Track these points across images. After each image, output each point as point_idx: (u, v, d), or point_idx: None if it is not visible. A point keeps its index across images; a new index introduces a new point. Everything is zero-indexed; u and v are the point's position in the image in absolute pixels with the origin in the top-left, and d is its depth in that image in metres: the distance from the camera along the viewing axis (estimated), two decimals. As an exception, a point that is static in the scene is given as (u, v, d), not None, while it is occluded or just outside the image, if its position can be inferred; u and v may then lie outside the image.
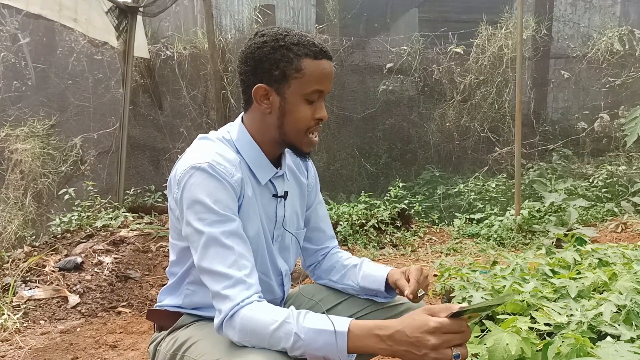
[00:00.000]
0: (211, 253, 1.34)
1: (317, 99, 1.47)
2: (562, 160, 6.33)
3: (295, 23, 7.16)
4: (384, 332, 1.22)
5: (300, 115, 1.46)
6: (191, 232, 1.38)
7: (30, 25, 6.03)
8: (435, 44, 6.56)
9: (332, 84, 1.51)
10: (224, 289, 1.31)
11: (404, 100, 6.77)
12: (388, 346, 1.21)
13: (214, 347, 1.36)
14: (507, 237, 4.81)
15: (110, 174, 5.71)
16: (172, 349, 1.48)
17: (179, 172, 1.43)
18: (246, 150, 1.53)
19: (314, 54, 1.43)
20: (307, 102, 1.45)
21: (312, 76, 1.43)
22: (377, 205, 5.28)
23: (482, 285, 1.84)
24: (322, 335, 1.23)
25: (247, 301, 1.30)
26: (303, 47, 1.42)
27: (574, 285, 1.73)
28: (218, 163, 1.41)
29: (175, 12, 6.86)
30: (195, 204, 1.37)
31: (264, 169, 1.53)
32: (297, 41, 1.43)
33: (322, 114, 1.48)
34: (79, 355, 2.75)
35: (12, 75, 5.96)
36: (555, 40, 7.05)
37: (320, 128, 1.53)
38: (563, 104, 7.16)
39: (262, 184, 1.54)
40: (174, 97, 6.51)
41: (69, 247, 4.10)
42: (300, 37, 1.44)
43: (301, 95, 1.44)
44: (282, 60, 1.42)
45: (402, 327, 1.20)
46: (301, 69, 1.42)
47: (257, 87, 1.45)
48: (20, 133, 5.14)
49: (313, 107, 1.47)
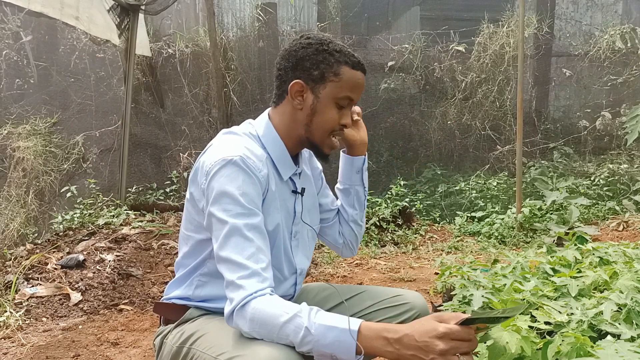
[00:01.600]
0: (232, 243, 1.37)
1: (347, 106, 1.55)
2: (564, 158, 6.32)
3: (297, 21, 7.16)
4: (392, 335, 1.23)
5: (328, 117, 1.54)
6: (215, 221, 1.41)
7: (32, 23, 6.03)
8: (436, 42, 6.55)
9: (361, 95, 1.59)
10: (240, 278, 1.33)
11: (406, 99, 6.77)
12: (395, 349, 1.22)
13: (221, 340, 1.37)
14: (509, 235, 4.81)
15: (112, 172, 5.72)
16: (178, 341, 1.50)
17: (208, 163, 1.45)
18: (271, 146, 1.57)
19: (352, 64, 1.52)
20: (337, 106, 1.53)
21: (348, 83, 1.52)
22: (379, 203, 5.29)
23: (482, 283, 1.84)
24: (332, 332, 1.24)
25: (260, 293, 1.32)
26: (344, 56, 1.52)
27: (574, 284, 1.73)
28: (248, 157, 1.45)
29: (177, 10, 6.86)
30: (223, 196, 1.40)
31: (287, 165, 1.59)
32: (339, 49, 1.53)
33: (348, 120, 1.57)
34: (81, 353, 2.77)
35: (15, 73, 5.97)
36: (557, 38, 7.03)
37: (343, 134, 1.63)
38: (565, 102, 7.14)
39: (283, 180, 1.60)
40: (176, 95, 6.51)
41: (71, 244, 4.11)
42: (343, 47, 1.55)
43: (333, 98, 1.52)
44: (324, 62, 1.51)
45: (410, 331, 1.22)
46: (339, 74, 1.51)
47: (295, 82, 1.52)
48: (23, 131, 5.15)
49: (341, 112, 1.55)
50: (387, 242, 4.84)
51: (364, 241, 4.77)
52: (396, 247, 4.77)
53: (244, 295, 1.31)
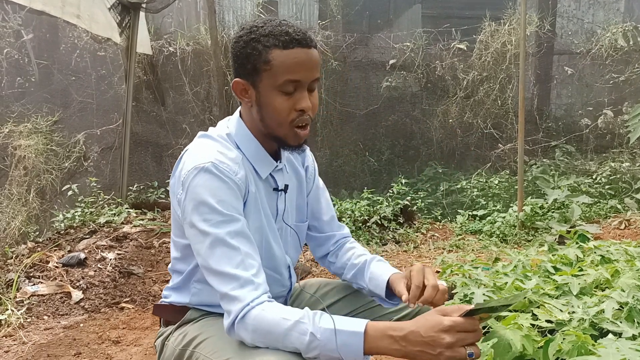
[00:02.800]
0: (217, 254, 1.33)
1: (296, 90, 1.41)
2: (565, 156, 6.31)
3: (298, 19, 7.15)
4: (397, 333, 1.22)
5: (276, 107, 1.41)
6: (195, 233, 1.37)
7: (33, 21, 6.03)
8: (438, 40, 6.54)
9: (318, 70, 1.43)
10: (232, 290, 1.30)
11: (407, 97, 6.76)
12: (402, 347, 1.21)
13: (225, 345, 1.35)
14: (510, 233, 4.80)
15: (114, 170, 5.72)
16: (181, 344, 1.48)
17: (183, 173, 1.42)
18: (245, 145, 1.51)
19: (283, 44, 1.37)
20: (283, 93, 1.40)
21: (282, 67, 1.38)
22: (380, 201, 5.28)
23: (483, 282, 1.83)
24: (339, 336, 1.22)
25: (257, 301, 1.29)
26: (272, 38, 1.38)
27: (576, 282, 1.73)
28: (221, 162, 1.40)
29: (178, 9, 6.86)
30: (200, 206, 1.36)
31: (264, 162, 1.52)
32: (268, 32, 1.39)
33: (303, 104, 1.41)
34: (82, 351, 2.77)
35: (16, 71, 5.97)
36: (558, 36, 7.01)
37: (309, 120, 1.46)
38: (566, 100, 7.13)
39: (262, 178, 1.53)
40: (177, 93, 6.51)
41: (72, 243, 4.12)
42: (274, 28, 1.40)
43: (273, 87, 1.40)
44: (253, 52, 1.39)
45: (416, 327, 1.21)
46: (269, 60, 1.38)
47: (235, 82, 1.46)
48: (24, 129, 5.15)
49: (292, 98, 1.41)
50: (389, 240, 4.84)
51: (365, 240, 4.76)
52: (397, 245, 4.77)
53: (240, 306, 1.28)
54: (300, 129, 1.45)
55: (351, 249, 1.76)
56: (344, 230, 1.82)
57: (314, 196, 1.76)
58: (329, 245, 1.79)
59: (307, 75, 1.40)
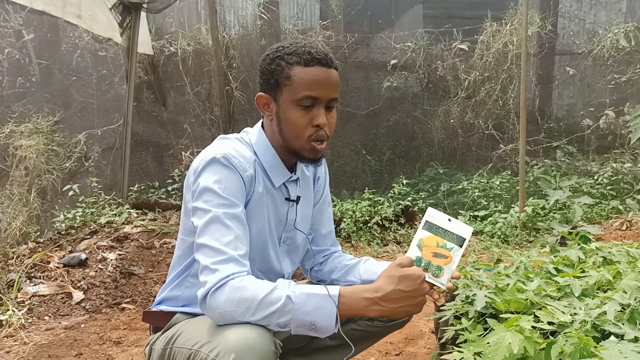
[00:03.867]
0: (211, 230, 1.39)
1: (314, 106, 1.48)
2: (567, 157, 6.30)
3: (299, 19, 7.14)
4: (375, 295, 1.29)
5: (293, 121, 1.49)
6: (197, 213, 1.43)
7: (34, 21, 6.02)
8: (439, 40, 6.53)
9: (336, 90, 1.51)
10: (215, 263, 1.34)
11: (408, 97, 6.75)
12: (381, 307, 1.29)
13: (196, 333, 1.38)
14: (511, 234, 4.80)
15: (114, 170, 5.71)
16: (162, 344, 1.52)
17: (196, 163, 1.50)
18: (262, 153, 1.58)
19: (304, 62, 1.46)
20: (301, 107, 1.48)
21: (301, 83, 1.46)
22: (381, 202, 5.28)
23: (485, 283, 1.83)
24: (313, 299, 1.27)
25: (237, 275, 1.32)
26: (296, 56, 1.47)
27: (577, 284, 1.72)
28: (233, 156, 1.49)
29: (179, 9, 6.85)
30: (206, 191, 1.43)
31: (279, 172, 1.59)
32: (292, 51, 1.48)
33: (320, 120, 1.49)
34: (83, 352, 2.76)
35: (17, 71, 5.96)
36: (560, 36, 7.00)
37: (324, 136, 1.53)
38: (568, 100, 7.12)
39: (275, 187, 1.59)
40: (178, 93, 6.51)
41: (73, 243, 4.11)
42: (298, 47, 1.49)
43: (292, 102, 1.48)
44: (277, 69, 1.49)
45: (395, 285, 1.30)
46: (290, 76, 1.47)
47: (258, 96, 1.55)
48: (25, 129, 5.14)
49: (310, 113, 1.49)
50: (390, 241, 4.83)
51: (366, 240, 4.76)
52: (399, 246, 4.76)
53: (220, 277, 1.31)
54: (317, 142, 1.52)
55: (341, 256, 1.82)
56: (337, 247, 1.87)
57: (318, 208, 1.81)
58: (319, 257, 1.83)
59: (325, 93, 1.48)
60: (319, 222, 1.82)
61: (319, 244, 1.83)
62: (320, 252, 1.83)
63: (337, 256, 1.83)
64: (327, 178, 1.84)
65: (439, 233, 1.42)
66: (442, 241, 1.42)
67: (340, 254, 1.84)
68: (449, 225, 1.43)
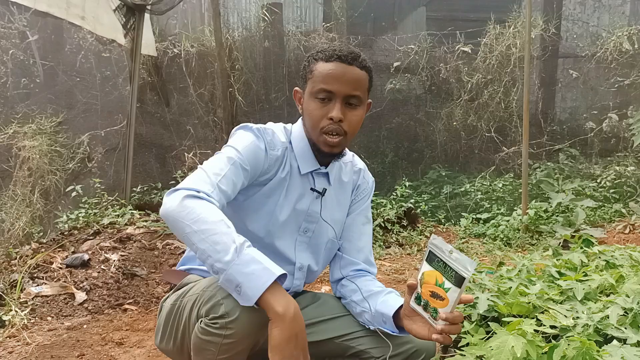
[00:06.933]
0: (212, 160, 1.48)
1: (330, 99, 1.53)
2: (570, 160, 6.30)
3: (302, 21, 7.15)
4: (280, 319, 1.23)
5: (310, 112, 1.56)
6: None
7: (38, 22, 6.04)
8: (442, 42, 6.54)
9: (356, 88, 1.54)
10: (196, 183, 1.39)
11: (411, 99, 6.75)
12: (284, 323, 1.23)
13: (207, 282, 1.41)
14: (514, 237, 4.79)
15: (117, 172, 5.72)
16: (172, 300, 1.56)
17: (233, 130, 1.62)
18: (296, 141, 1.64)
19: (326, 57, 1.54)
20: (318, 100, 1.54)
21: (319, 76, 1.53)
22: (384, 204, 5.27)
23: (488, 286, 1.83)
24: (256, 265, 1.26)
25: (210, 198, 1.36)
26: (322, 53, 1.56)
27: (580, 288, 1.72)
28: (266, 132, 1.59)
29: (182, 10, 6.87)
30: (227, 147, 1.54)
31: (307, 160, 1.63)
32: (323, 49, 1.57)
33: (333, 113, 1.52)
34: (86, 352, 2.77)
35: (21, 72, 5.98)
36: (563, 39, 7.00)
37: (339, 130, 1.55)
38: (571, 103, 7.11)
39: (301, 174, 1.63)
40: (181, 94, 6.52)
41: (76, 244, 4.12)
42: (329, 46, 1.58)
43: (311, 94, 1.56)
44: (308, 65, 1.59)
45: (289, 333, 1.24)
46: (313, 70, 1.56)
47: (294, 90, 1.65)
48: (28, 130, 5.16)
49: (326, 107, 1.54)
50: (392, 243, 4.83)
51: (368, 242, 4.75)
52: (401, 248, 4.76)
53: (194, 187, 1.36)
54: (329, 135, 1.55)
55: (370, 280, 1.71)
56: (372, 269, 1.77)
57: (354, 218, 1.78)
58: (349, 270, 1.74)
59: (340, 88, 1.52)
60: (352, 233, 1.77)
61: (352, 255, 1.74)
62: (352, 264, 1.73)
63: (367, 279, 1.71)
64: (370, 193, 1.83)
65: (439, 268, 1.29)
66: (441, 278, 1.27)
67: (372, 278, 1.73)
68: (450, 259, 1.27)
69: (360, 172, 1.81)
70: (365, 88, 1.59)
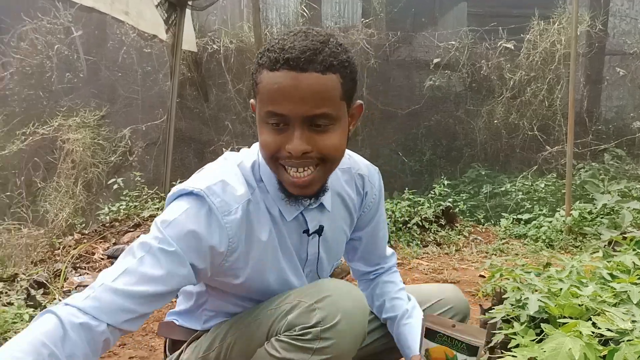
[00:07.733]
0: (120, 259, 1.13)
1: (287, 123, 1.10)
2: (615, 160, 6.09)
3: (340, 17, 7.12)
4: None
5: (262, 143, 1.15)
6: None
7: (83, 18, 6.18)
8: (484, 39, 6.41)
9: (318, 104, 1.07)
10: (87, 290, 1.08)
11: (451, 97, 6.65)
12: None
13: None
14: (557, 239, 4.66)
15: (157, 166, 5.80)
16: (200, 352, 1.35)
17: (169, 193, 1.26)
18: (267, 178, 1.26)
19: (270, 64, 1.07)
20: (269, 126, 1.11)
21: (265, 94, 1.09)
22: (421, 202, 5.20)
23: (537, 287, 1.77)
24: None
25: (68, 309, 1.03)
26: (266, 55, 1.10)
27: (636, 290, 1.65)
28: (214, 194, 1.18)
29: (222, 6, 6.92)
30: (153, 225, 1.15)
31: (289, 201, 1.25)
32: (269, 46, 1.10)
33: (290, 146, 1.09)
34: (127, 342, 2.80)
35: (65, 67, 6.13)
36: (610, 36, 6.78)
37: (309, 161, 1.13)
38: (617, 102, 6.89)
39: (287, 221, 1.28)
40: (220, 90, 6.57)
41: (117, 235, 4.19)
42: (279, 40, 1.10)
43: (260, 117, 1.14)
44: (254, 73, 1.15)
45: None
46: (258, 82, 1.11)
47: (251, 104, 1.22)
48: (72, 123, 5.28)
49: (282, 134, 1.11)
50: (430, 242, 4.76)
51: (405, 241, 4.70)
52: (439, 247, 4.69)
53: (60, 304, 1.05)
54: (293, 170, 1.14)
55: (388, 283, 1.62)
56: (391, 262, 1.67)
57: (373, 230, 1.55)
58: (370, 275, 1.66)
59: (295, 108, 1.07)
60: (371, 246, 1.58)
61: (375, 262, 1.64)
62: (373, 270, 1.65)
63: (386, 281, 1.62)
64: (378, 194, 1.50)
65: (445, 343, 1.22)
66: (451, 352, 1.20)
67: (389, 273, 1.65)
68: (455, 332, 1.21)
69: (363, 179, 1.45)
70: (337, 97, 1.10)
